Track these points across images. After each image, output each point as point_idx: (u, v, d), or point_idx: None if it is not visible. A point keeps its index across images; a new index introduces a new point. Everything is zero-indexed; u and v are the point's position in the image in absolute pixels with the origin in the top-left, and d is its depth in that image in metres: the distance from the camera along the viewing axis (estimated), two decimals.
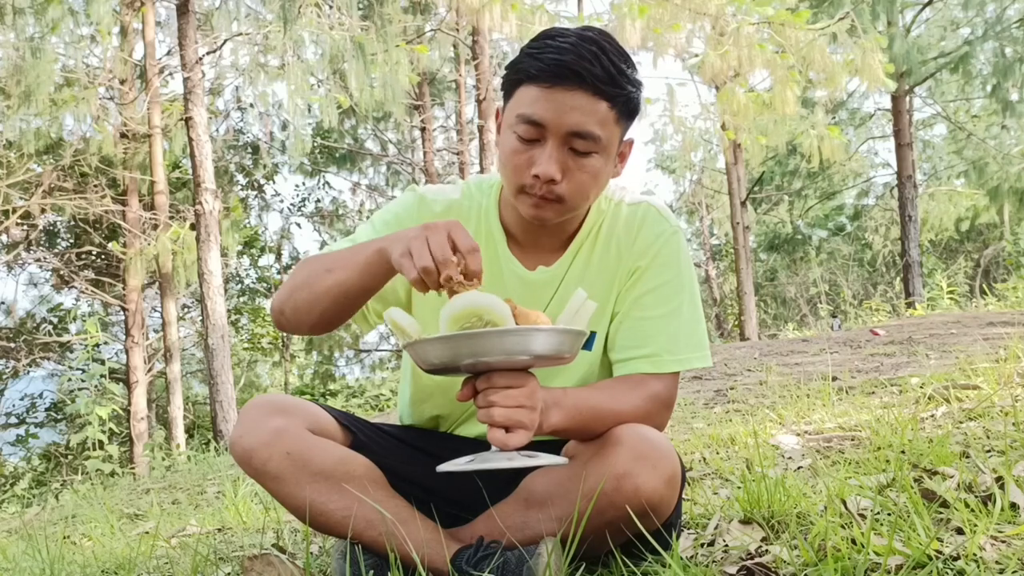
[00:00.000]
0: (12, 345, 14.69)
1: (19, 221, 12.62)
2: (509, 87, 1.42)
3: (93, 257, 14.60)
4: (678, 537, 1.46)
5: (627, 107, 1.40)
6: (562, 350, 1.23)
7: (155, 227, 11.93)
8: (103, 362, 9.97)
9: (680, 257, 1.53)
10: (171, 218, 12.25)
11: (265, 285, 18.65)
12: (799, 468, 2.16)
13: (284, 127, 15.39)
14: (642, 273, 1.51)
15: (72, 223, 14.21)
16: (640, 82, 1.42)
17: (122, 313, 14.03)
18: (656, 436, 1.37)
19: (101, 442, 7.23)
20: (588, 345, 1.53)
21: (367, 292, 1.38)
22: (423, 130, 15.83)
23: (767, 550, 1.38)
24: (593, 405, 1.39)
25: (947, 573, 1.16)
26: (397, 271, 1.29)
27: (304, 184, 19.11)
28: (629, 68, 1.38)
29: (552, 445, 1.45)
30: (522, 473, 1.46)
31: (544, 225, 1.46)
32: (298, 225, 19.33)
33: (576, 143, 1.37)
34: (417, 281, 1.23)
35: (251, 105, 15.31)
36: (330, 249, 1.51)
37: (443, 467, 1.25)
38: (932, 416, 2.53)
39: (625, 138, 1.46)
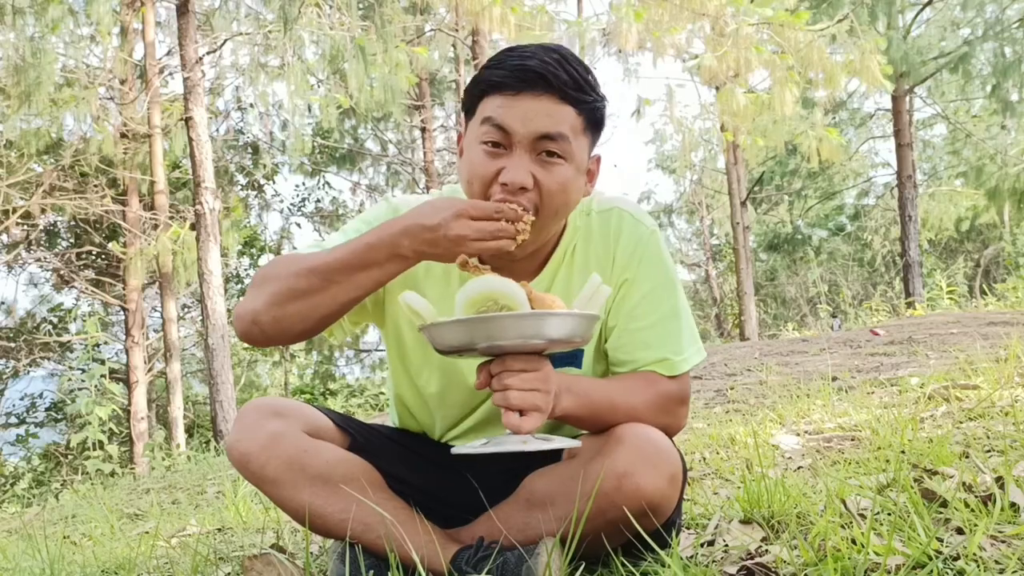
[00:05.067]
0: (12, 345, 14.69)
1: (19, 221, 12.62)
2: (471, 103, 1.39)
3: (93, 257, 14.59)
4: (678, 536, 1.46)
5: (593, 117, 1.38)
6: (576, 334, 1.25)
7: (155, 227, 11.92)
8: (103, 362, 9.98)
9: (662, 257, 1.52)
10: (171, 218, 12.25)
11: None
12: (799, 468, 2.16)
13: (284, 127, 15.40)
14: (631, 284, 1.49)
15: (72, 223, 14.20)
16: (604, 96, 1.40)
17: (122, 313, 14.03)
18: (658, 436, 1.37)
19: (101, 442, 7.23)
20: (576, 362, 1.51)
21: (375, 290, 1.38)
22: (423, 130, 15.82)
23: (767, 550, 1.38)
24: (607, 395, 1.39)
25: (947, 573, 1.16)
26: (447, 259, 1.30)
27: (304, 184, 19.12)
28: (593, 79, 1.37)
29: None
30: (521, 474, 1.46)
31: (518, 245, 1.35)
32: (298, 225, 19.32)
33: (546, 145, 1.33)
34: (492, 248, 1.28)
35: (251, 105, 15.31)
36: (298, 257, 1.41)
37: (458, 449, 1.26)
38: (932, 416, 2.53)
39: (592, 154, 1.43)
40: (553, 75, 1.31)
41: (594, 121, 1.39)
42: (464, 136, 1.42)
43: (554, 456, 1.48)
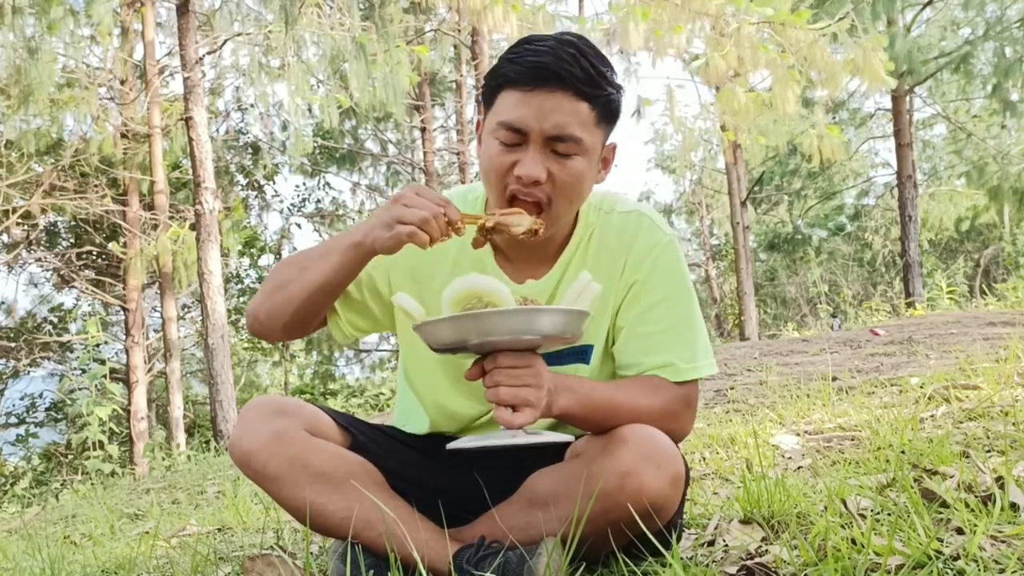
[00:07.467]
0: (12, 345, 14.69)
1: (19, 221, 12.63)
2: (489, 95, 1.41)
3: (93, 257, 14.59)
4: (679, 537, 1.46)
5: (607, 109, 1.39)
6: (567, 330, 1.26)
7: (155, 227, 11.93)
8: (103, 362, 9.97)
9: (680, 267, 1.52)
10: (171, 218, 12.25)
11: None
12: (799, 468, 2.16)
13: (284, 127, 15.41)
14: (641, 286, 1.49)
15: (72, 223, 14.20)
16: (620, 86, 1.41)
17: (122, 313, 14.03)
18: (661, 437, 1.38)
19: (101, 442, 7.23)
20: (586, 358, 1.52)
21: (339, 287, 1.43)
22: (423, 130, 15.82)
23: (767, 550, 1.38)
24: (608, 396, 1.39)
25: (947, 573, 1.16)
26: (389, 246, 1.31)
27: (304, 184, 19.11)
28: (609, 71, 1.38)
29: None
30: (524, 472, 1.46)
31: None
32: (298, 225, 19.29)
33: (558, 146, 1.36)
34: (418, 235, 1.26)
35: (251, 105, 15.33)
36: (292, 254, 1.55)
37: (453, 444, 1.30)
38: (932, 416, 2.53)
39: (607, 142, 1.45)
40: (568, 72, 1.33)
41: (609, 112, 1.40)
42: (482, 125, 1.45)
43: (558, 455, 1.48)
